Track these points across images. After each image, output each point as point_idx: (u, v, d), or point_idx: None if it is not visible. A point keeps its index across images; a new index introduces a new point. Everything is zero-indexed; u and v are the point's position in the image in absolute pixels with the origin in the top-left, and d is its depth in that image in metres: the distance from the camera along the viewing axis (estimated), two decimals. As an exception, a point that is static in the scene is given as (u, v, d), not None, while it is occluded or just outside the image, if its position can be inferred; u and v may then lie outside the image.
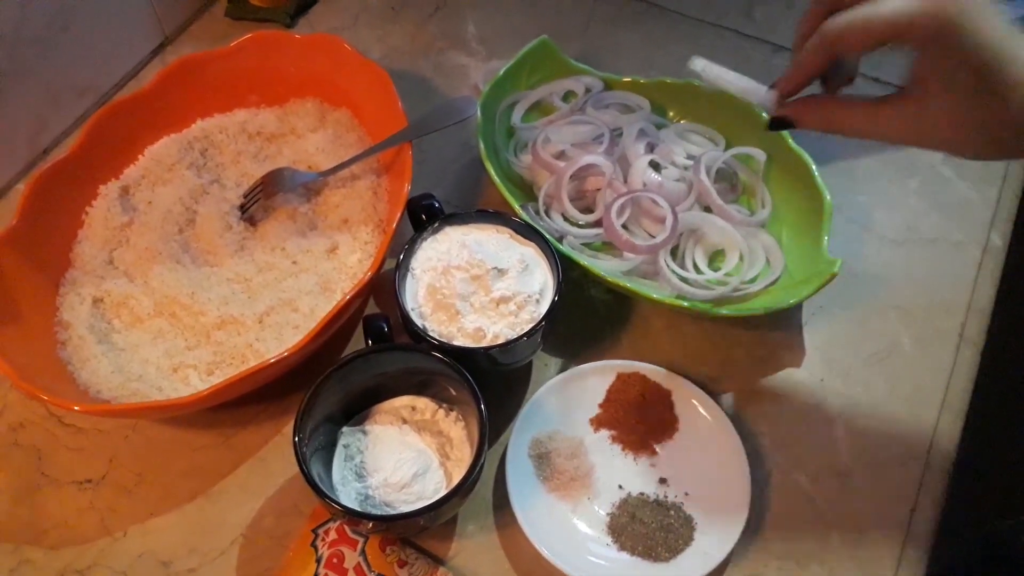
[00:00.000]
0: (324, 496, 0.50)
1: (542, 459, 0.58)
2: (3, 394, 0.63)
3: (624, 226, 0.65)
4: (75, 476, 0.59)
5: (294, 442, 0.51)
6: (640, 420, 0.60)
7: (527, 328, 0.56)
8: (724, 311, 0.60)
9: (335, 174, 0.68)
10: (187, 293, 0.62)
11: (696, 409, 0.60)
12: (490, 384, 0.54)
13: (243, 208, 0.68)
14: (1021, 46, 0.39)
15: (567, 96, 0.74)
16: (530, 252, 0.60)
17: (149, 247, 0.65)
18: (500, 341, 0.55)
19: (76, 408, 0.52)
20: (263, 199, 0.68)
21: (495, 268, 0.57)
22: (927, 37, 0.39)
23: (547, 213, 0.67)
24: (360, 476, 0.55)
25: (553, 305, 0.56)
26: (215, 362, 0.61)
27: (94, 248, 0.66)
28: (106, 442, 0.60)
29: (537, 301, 0.57)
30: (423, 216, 0.62)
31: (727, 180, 0.69)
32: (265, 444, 0.60)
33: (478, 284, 0.57)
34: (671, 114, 0.74)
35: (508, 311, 0.56)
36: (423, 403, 0.58)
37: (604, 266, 0.62)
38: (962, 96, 0.40)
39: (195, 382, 0.59)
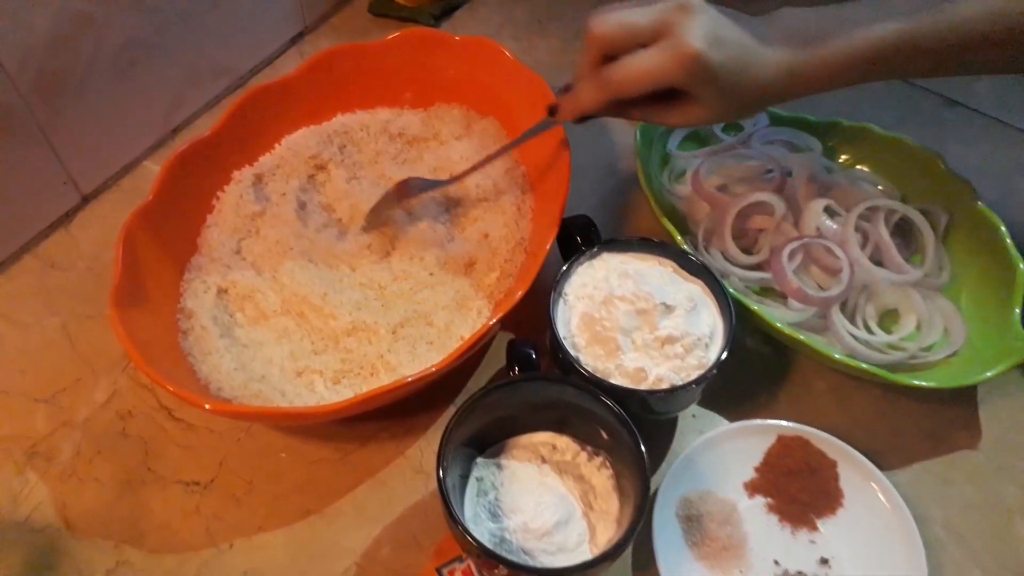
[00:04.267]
0: (467, 533, 0.45)
1: (692, 522, 0.52)
2: (114, 378, 0.59)
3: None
4: (182, 476, 0.55)
5: (438, 476, 0.46)
6: (801, 490, 0.54)
7: (695, 375, 0.50)
8: (902, 380, 0.54)
9: (466, 177, 0.63)
10: (319, 294, 0.58)
11: (864, 485, 0.54)
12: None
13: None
14: (750, 57, 0.50)
15: (726, 127, 0.70)
16: (697, 290, 0.55)
17: (280, 240, 0.62)
18: (664, 386, 0.50)
19: (207, 407, 0.48)
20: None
21: (663, 303, 0.52)
22: (683, 80, 0.49)
23: (706, 249, 0.62)
24: (495, 515, 0.50)
25: (726, 352, 0.51)
26: (342, 370, 0.56)
27: (223, 235, 0.62)
28: (217, 443, 0.56)
29: (706, 346, 0.52)
30: (577, 238, 0.58)
31: (902, 236, 0.63)
32: (386, 466, 0.56)
33: (643, 319, 0.52)
34: (842, 158, 0.68)
35: (674, 353, 0.51)
36: (564, 442, 0.53)
37: (776, 315, 0.57)
38: (717, 98, 0.50)
39: (320, 389, 0.55)
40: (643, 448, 0.47)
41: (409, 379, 0.50)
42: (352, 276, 0.61)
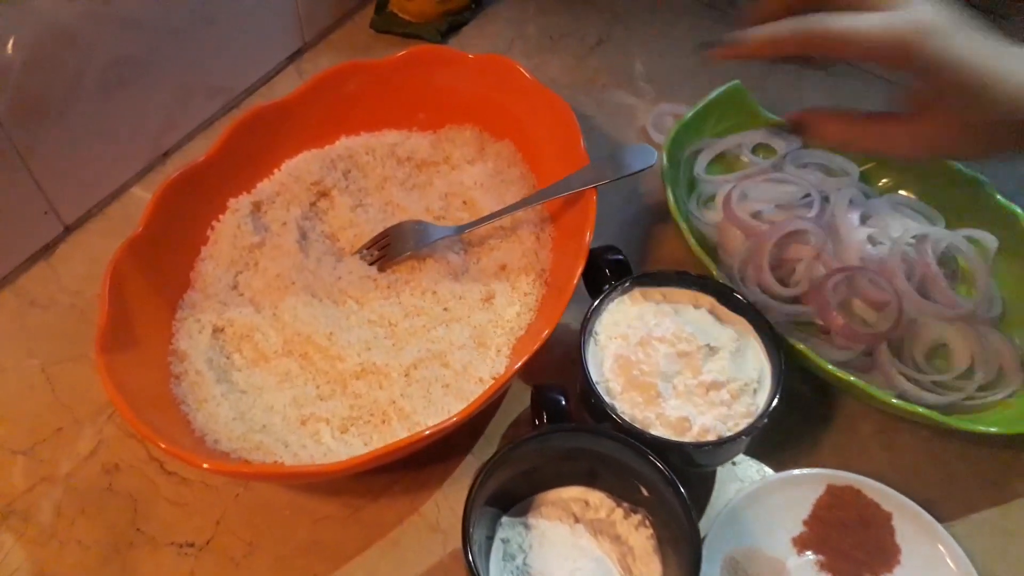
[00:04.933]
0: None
1: (739, 583, 0.48)
2: (99, 427, 0.54)
3: (834, 307, 0.55)
4: (175, 537, 0.50)
5: (465, 544, 0.41)
6: (855, 546, 0.49)
7: (744, 424, 0.46)
8: (965, 426, 0.50)
9: (486, 224, 0.59)
10: (324, 333, 0.54)
11: (923, 539, 0.49)
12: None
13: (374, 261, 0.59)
14: (1000, 62, 0.41)
15: (756, 149, 0.66)
16: (740, 329, 0.50)
17: (281, 274, 0.57)
18: (710, 437, 0.46)
19: (205, 466, 0.43)
20: (388, 258, 0.59)
21: (707, 345, 0.47)
22: (916, 62, 0.41)
23: (741, 281, 0.58)
24: (524, 583, 0.45)
25: (776, 398, 0.46)
26: (351, 417, 0.51)
27: (218, 269, 0.58)
28: (214, 499, 0.51)
29: (754, 391, 0.47)
30: (606, 271, 0.53)
31: (946, 265, 0.59)
32: (399, 523, 0.51)
33: (686, 362, 0.47)
34: (881, 183, 0.64)
35: (720, 400, 0.47)
36: (597, 498, 0.48)
37: (823, 354, 0.52)
38: (957, 113, 0.43)
39: (327, 440, 0.50)
40: (693, 512, 0.42)
41: (427, 432, 0.45)
42: (360, 312, 0.56)
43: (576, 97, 0.75)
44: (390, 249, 0.59)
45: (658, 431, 0.46)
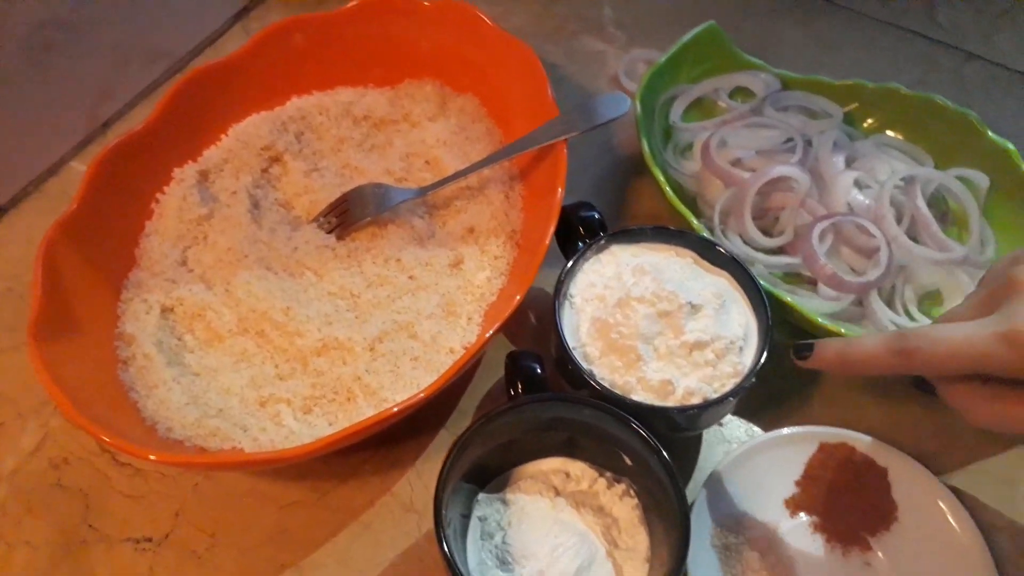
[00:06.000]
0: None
1: (730, 552, 0.45)
2: (44, 420, 0.50)
3: (821, 256, 0.52)
4: (131, 532, 0.47)
5: (437, 526, 0.38)
6: (850, 505, 0.47)
7: (730, 384, 0.43)
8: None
9: (451, 184, 0.55)
10: (281, 308, 0.50)
11: (920, 494, 0.47)
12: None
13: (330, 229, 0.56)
14: None
15: (734, 94, 0.62)
16: (723, 284, 0.47)
17: (232, 248, 0.53)
18: (695, 400, 0.43)
19: (152, 457, 0.40)
20: (346, 225, 0.55)
21: (688, 303, 0.44)
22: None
23: (723, 233, 0.55)
24: (504, 563, 0.42)
25: (764, 355, 0.44)
26: (313, 397, 0.48)
27: (165, 244, 0.54)
28: (171, 490, 0.48)
29: (740, 349, 0.45)
30: (580, 229, 0.50)
31: (936, 207, 0.57)
32: (371, 506, 0.48)
33: (667, 323, 0.44)
34: (866, 124, 0.61)
35: (704, 360, 0.44)
36: (578, 468, 0.45)
37: (811, 306, 0.49)
38: None
39: (289, 422, 0.47)
40: (678, 480, 0.39)
41: (396, 409, 0.42)
42: (319, 285, 0.53)
43: (543, 46, 0.71)
44: (349, 215, 0.55)
45: (639, 396, 0.43)
